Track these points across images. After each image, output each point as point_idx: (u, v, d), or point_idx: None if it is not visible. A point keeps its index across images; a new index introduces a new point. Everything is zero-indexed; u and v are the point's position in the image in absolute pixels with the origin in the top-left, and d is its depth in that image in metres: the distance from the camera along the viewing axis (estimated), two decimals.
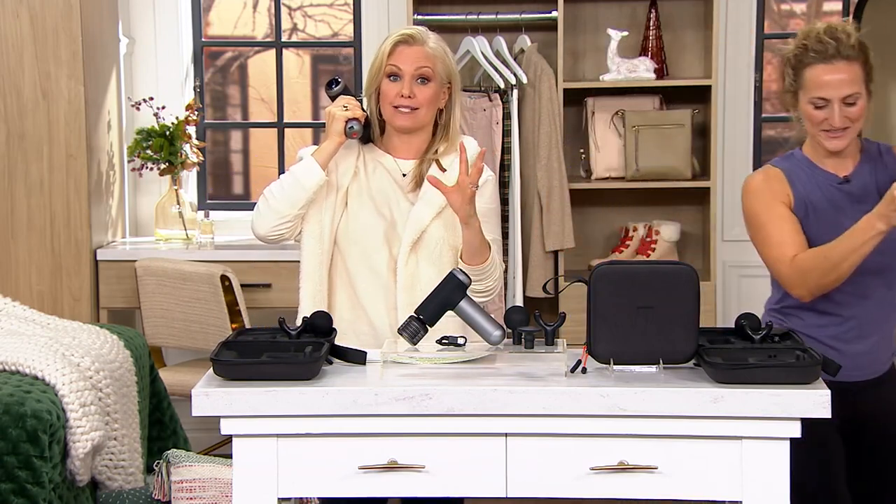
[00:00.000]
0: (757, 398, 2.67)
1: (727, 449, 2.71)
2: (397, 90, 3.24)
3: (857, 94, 3.12)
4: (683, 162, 5.56)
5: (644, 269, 2.88)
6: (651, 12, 5.67)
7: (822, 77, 3.12)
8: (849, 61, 3.12)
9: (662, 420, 2.70)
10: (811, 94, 3.14)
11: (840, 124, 3.12)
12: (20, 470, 3.51)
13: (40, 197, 5.43)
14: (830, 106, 3.12)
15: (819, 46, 3.12)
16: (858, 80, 3.13)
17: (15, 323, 4.16)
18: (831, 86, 3.12)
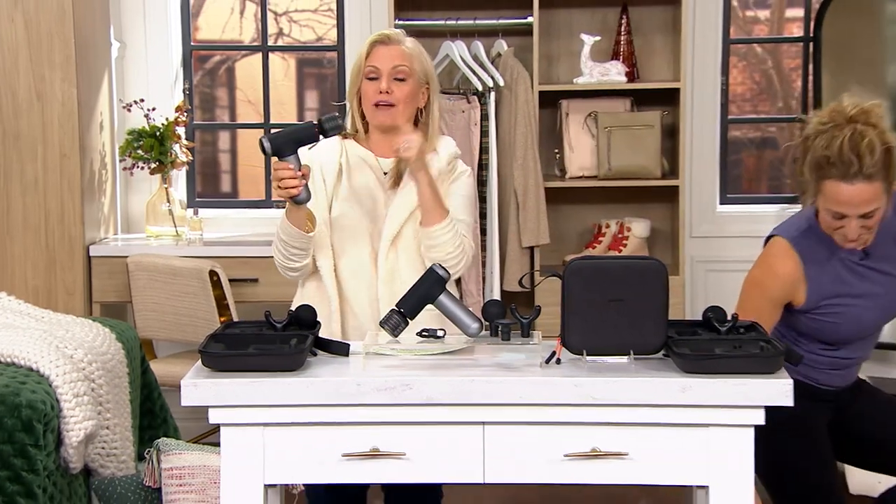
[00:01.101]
0: (723, 387, 2.67)
1: (694, 436, 2.71)
2: (376, 88, 3.24)
3: (876, 208, 3.01)
4: (653, 161, 5.58)
5: (615, 264, 2.89)
6: (622, 18, 5.69)
7: (841, 195, 2.99)
8: (870, 181, 2.96)
9: (633, 408, 2.70)
10: (829, 205, 3.03)
11: (855, 237, 3.03)
12: (15, 458, 3.51)
13: (35, 195, 5.42)
14: (848, 220, 3.02)
15: (841, 165, 2.96)
16: (879, 196, 2.99)
17: (10, 316, 4.15)
18: (850, 204, 2.99)
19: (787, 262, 3.12)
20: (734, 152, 6.23)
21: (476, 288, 5.41)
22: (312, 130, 3.14)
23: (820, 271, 3.10)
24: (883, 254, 3.12)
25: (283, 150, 3.12)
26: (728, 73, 6.05)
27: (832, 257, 3.11)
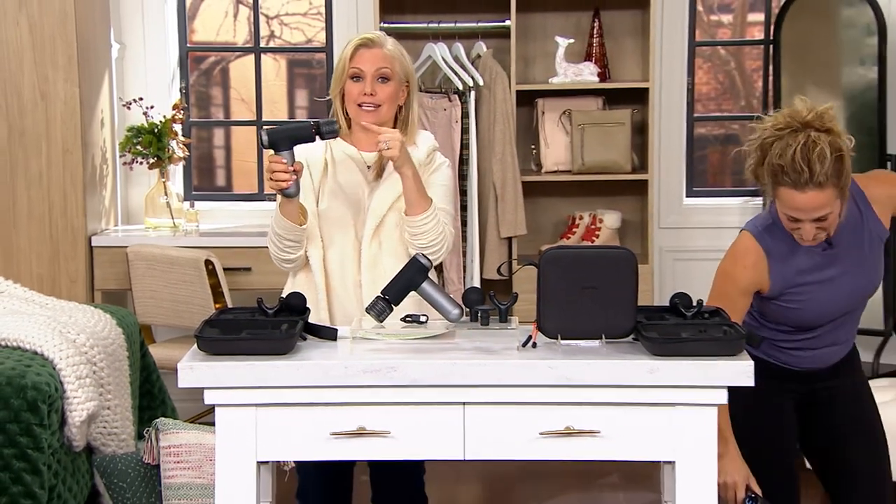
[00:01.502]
0: (688, 369, 2.68)
1: (662, 414, 2.72)
2: (360, 89, 3.23)
3: (829, 212, 2.96)
4: (624, 157, 5.59)
5: (588, 253, 2.89)
6: (594, 22, 5.70)
7: (794, 201, 2.94)
8: (821, 188, 2.91)
9: (604, 389, 2.71)
10: (784, 209, 3.00)
11: (810, 238, 3.00)
12: (21, 436, 3.50)
13: (39, 189, 5.41)
14: (803, 223, 2.98)
15: (793, 174, 2.91)
16: (831, 201, 2.94)
17: (16, 303, 4.14)
18: (803, 210, 2.95)
19: (751, 256, 3.11)
20: (699, 148, 6.25)
21: (457, 276, 5.42)
22: (310, 131, 3.14)
23: (782, 263, 3.10)
24: (845, 242, 3.12)
25: (279, 145, 3.12)
26: (693, 74, 6.07)
27: (795, 250, 3.10)
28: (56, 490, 3.61)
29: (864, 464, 3.24)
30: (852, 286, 3.12)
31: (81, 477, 3.81)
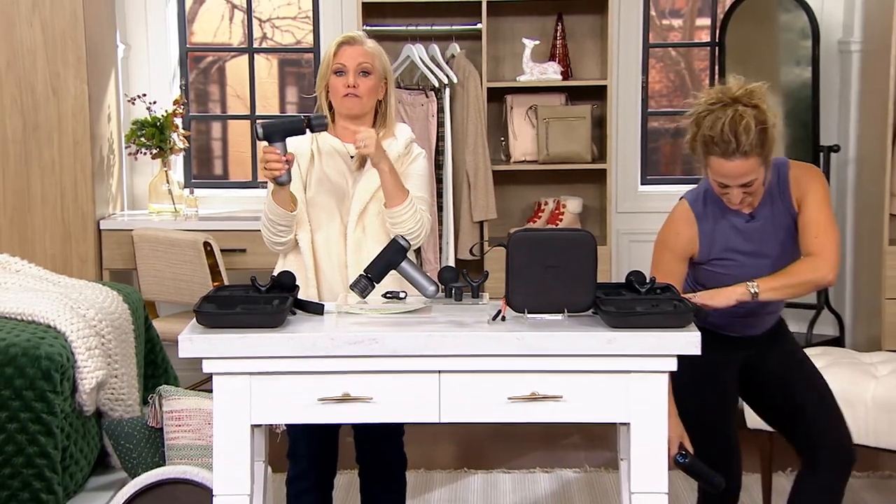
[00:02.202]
0: (642, 339, 2.69)
1: (618, 381, 2.73)
2: (344, 83, 3.22)
3: (754, 177, 3.01)
4: (585, 148, 5.60)
5: (552, 235, 2.89)
6: (558, 25, 5.70)
7: (723, 169, 2.99)
8: (746, 157, 2.95)
9: (566, 358, 2.71)
10: (714, 176, 3.04)
11: (738, 202, 3.04)
12: (36, 402, 3.50)
13: (52, 177, 5.41)
14: (731, 188, 3.02)
15: (722, 144, 2.95)
16: (755, 169, 2.99)
17: (31, 281, 4.12)
18: (731, 177, 2.99)
19: (682, 221, 3.16)
20: (653, 140, 6.26)
21: (433, 256, 5.42)
22: (301, 125, 3.12)
23: (711, 229, 3.13)
24: (766, 215, 3.14)
25: (272, 137, 3.10)
26: (647, 73, 6.08)
27: (722, 218, 3.13)
28: (68, 451, 3.61)
29: (811, 393, 3.25)
30: (772, 257, 3.15)
31: (91, 439, 3.81)
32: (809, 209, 3.08)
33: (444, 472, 4.86)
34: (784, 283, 3.03)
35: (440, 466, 4.94)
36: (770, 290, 3.01)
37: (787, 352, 3.32)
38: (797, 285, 3.05)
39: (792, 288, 3.04)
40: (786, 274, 3.06)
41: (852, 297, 5.91)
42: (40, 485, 3.49)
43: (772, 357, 3.28)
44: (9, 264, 4.25)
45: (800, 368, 3.30)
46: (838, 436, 3.19)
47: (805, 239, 3.08)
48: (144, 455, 3.73)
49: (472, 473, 4.86)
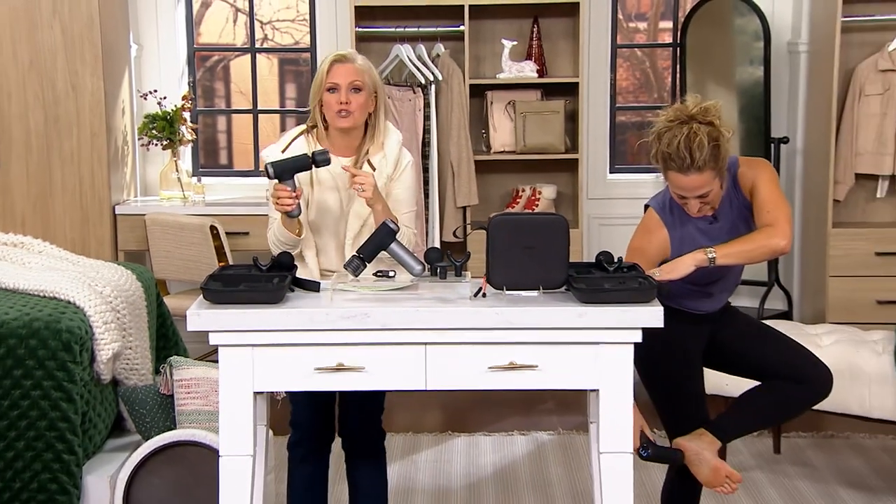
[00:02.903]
0: (610, 313, 2.68)
1: (588, 351, 2.72)
2: (336, 99, 3.16)
3: (709, 190, 3.00)
4: (558, 139, 5.60)
5: (529, 219, 2.88)
6: (534, 27, 5.69)
7: (679, 182, 2.99)
8: (700, 171, 2.95)
9: (541, 331, 2.71)
10: (673, 189, 3.04)
11: (695, 211, 3.04)
12: (58, 371, 3.49)
13: (71, 166, 5.40)
14: (688, 199, 3.02)
15: (678, 160, 2.95)
16: (710, 181, 2.98)
17: (53, 261, 4.11)
18: (687, 189, 2.99)
19: (653, 227, 3.14)
20: (620, 133, 6.26)
21: (420, 238, 5.41)
22: (308, 162, 3.09)
23: (679, 233, 3.12)
24: (726, 215, 3.15)
25: (283, 176, 3.07)
26: (615, 71, 6.07)
27: (688, 222, 3.13)
28: (87, 415, 3.61)
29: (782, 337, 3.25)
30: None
31: (108, 405, 3.80)
32: (760, 191, 3.07)
33: (430, 435, 4.87)
34: (740, 249, 2.98)
35: (426, 430, 4.94)
36: (726, 256, 2.96)
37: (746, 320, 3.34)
38: (752, 250, 2.98)
39: (747, 253, 2.98)
40: (742, 240, 3.02)
41: (799, 275, 5.93)
42: (62, 446, 3.49)
43: (734, 325, 3.29)
44: (32, 246, 4.23)
45: (764, 327, 3.32)
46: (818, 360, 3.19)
47: (759, 215, 3.05)
48: (157, 420, 3.72)
49: (455, 436, 4.86)
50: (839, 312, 5.38)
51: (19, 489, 3.46)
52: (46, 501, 3.46)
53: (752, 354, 3.23)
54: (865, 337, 4.35)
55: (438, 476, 4.40)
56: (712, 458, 3.11)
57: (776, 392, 3.15)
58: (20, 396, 3.48)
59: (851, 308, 5.39)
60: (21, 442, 3.47)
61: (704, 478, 3.12)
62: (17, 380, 3.48)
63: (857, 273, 5.42)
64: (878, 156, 5.49)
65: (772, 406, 3.18)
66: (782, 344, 3.22)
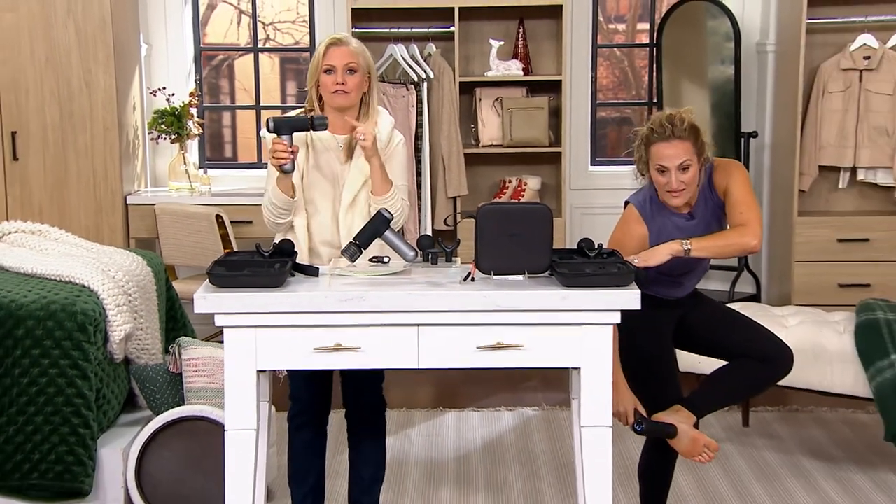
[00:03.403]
0: (591, 296, 2.68)
1: (571, 332, 2.72)
2: (333, 80, 3.16)
3: (689, 162, 3.04)
4: (543, 134, 5.59)
5: (515, 208, 2.89)
6: (520, 28, 5.67)
7: (663, 151, 3.03)
8: (682, 140, 3.02)
9: (526, 313, 2.70)
10: (656, 163, 3.06)
11: (676, 186, 3.05)
12: (74, 351, 3.49)
13: (86, 159, 5.38)
14: (669, 172, 3.04)
15: (661, 129, 3.04)
16: (690, 152, 3.03)
17: (68, 248, 4.09)
18: (669, 157, 3.02)
19: (634, 222, 3.16)
20: (601, 128, 6.26)
21: (413, 226, 5.40)
22: (307, 123, 3.08)
23: (658, 229, 3.14)
24: (702, 214, 3.16)
25: (280, 130, 3.06)
26: (596, 70, 6.06)
27: (666, 219, 3.15)
28: (101, 392, 3.61)
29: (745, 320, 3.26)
30: None
31: (121, 382, 3.79)
32: (734, 192, 3.11)
33: (423, 411, 4.87)
34: (714, 244, 3.05)
35: (419, 406, 4.95)
36: (701, 249, 3.02)
37: (713, 304, 3.35)
38: (725, 246, 3.06)
39: (720, 248, 3.05)
40: (716, 236, 3.08)
41: (767, 261, 5.94)
42: (78, 420, 3.48)
43: (702, 310, 3.30)
44: (49, 233, 4.23)
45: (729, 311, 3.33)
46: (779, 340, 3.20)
47: (732, 215, 3.10)
48: (166, 396, 3.72)
49: (446, 412, 4.87)
50: (804, 295, 5.40)
51: (38, 461, 3.46)
52: (63, 472, 3.46)
53: (719, 336, 3.25)
54: (828, 318, 4.36)
55: (430, 449, 4.41)
56: (690, 430, 3.12)
57: (743, 370, 3.18)
58: (38, 374, 3.47)
59: (815, 291, 5.41)
60: (40, 416, 3.46)
61: (684, 448, 3.13)
62: (36, 359, 3.47)
63: (821, 258, 5.43)
64: (840, 149, 5.50)
65: (739, 383, 3.20)
66: (746, 326, 3.24)
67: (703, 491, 3.91)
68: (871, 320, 4.08)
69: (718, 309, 3.33)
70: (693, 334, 3.28)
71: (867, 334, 4.04)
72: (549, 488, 3.96)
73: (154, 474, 3.56)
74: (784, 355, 3.17)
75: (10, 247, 4.07)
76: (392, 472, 4.02)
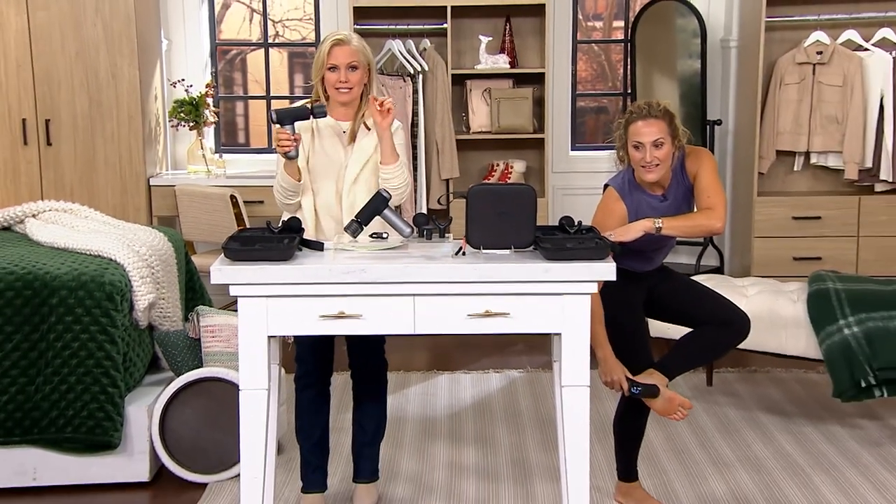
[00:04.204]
0: (571, 268, 2.67)
1: (553, 301, 2.71)
2: (336, 77, 3.12)
3: (662, 140, 3.03)
4: (527, 121, 5.56)
5: (503, 189, 2.86)
6: (507, 25, 5.64)
7: (640, 129, 3.03)
8: (657, 118, 3.03)
9: (513, 284, 2.69)
10: (633, 139, 3.06)
11: (651, 160, 3.04)
12: (102, 318, 3.48)
13: (112, 144, 5.35)
14: (645, 148, 3.03)
15: (638, 110, 3.06)
16: (664, 131, 3.03)
17: (97, 225, 4.08)
18: (644, 134, 3.02)
19: (613, 201, 3.14)
20: (580, 116, 6.23)
21: (409, 205, 5.38)
22: (307, 112, 3.05)
23: (636, 207, 3.13)
24: (674, 196, 3.15)
25: (283, 121, 3.03)
26: (576, 63, 6.03)
27: (642, 201, 3.14)
28: (128, 355, 3.60)
29: (707, 290, 3.26)
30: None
31: (145, 347, 3.78)
32: (702, 178, 3.11)
33: (419, 373, 4.87)
34: (683, 223, 3.06)
35: (415, 369, 4.94)
36: (671, 228, 3.03)
37: (679, 277, 3.34)
38: (693, 226, 3.07)
39: (688, 228, 3.07)
40: (685, 217, 3.10)
41: (730, 236, 5.94)
42: (107, 381, 3.47)
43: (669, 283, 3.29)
44: (80, 212, 4.21)
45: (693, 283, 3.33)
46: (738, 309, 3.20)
47: (700, 199, 3.11)
48: (186, 359, 3.70)
49: (440, 374, 4.86)
50: (762, 267, 5.40)
51: (72, 416, 3.45)
52: (94, 427, 3.45)
53: (685, 306, 3.25)
54: (783, 288, 4.35)
55: (425, 407, 4.40)
56: (665, 391, 3.12)
57: (707, 336, 3.18)
58: (71, 339, 3.46)
59: (772, 264, 5.41)
60: (73, 377, 3.45)
61: (660, 407, 3.13)
62: (69, 325, 3.46)
63: (777, 234, 5.43)
64: (795, 135, 5.49)
65: (704, 348, 3.20)
66: (709, 297, 3.24)
67: (672, 444, 3.92)
68: (821, 290, 4.08)
69: (684, 282, 3.33)
70: (662, 305, 3.27)
71: (818, 302, 4.04)
72: (533, 442, 3.97)
73: (176, 429, 3.55)
74: (742, 322, 3.17)
75: (44, 224, 4.05)
76: (391, 428, 4.02)
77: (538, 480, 3.57)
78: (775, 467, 3.68)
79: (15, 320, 3.45)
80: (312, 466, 3.33)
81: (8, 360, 3.44)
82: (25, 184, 5.33)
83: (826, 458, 3.76)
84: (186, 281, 4.21)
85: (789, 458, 3.76)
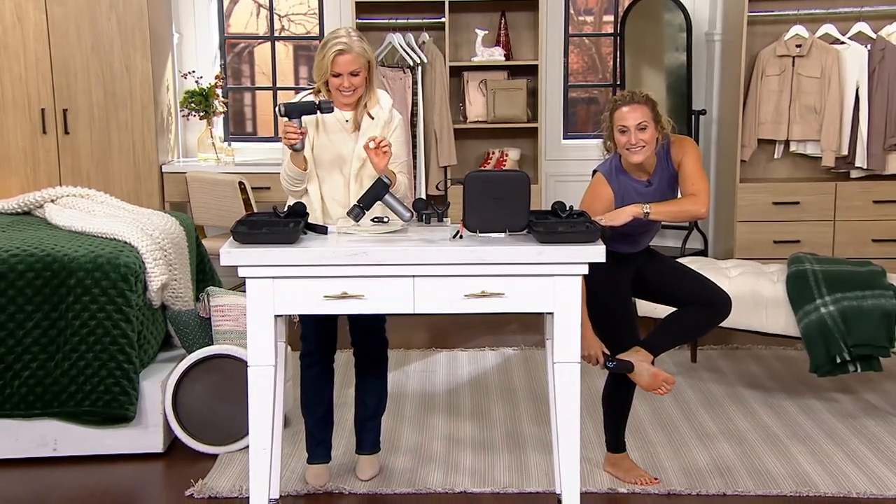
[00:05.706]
0: (563, 251, 2.66)
1: (545, 282, 2.70)
2: (340, 82, 3.09)
3: (646, 123, 3.03)
4: (522, 112, 5.54)
5: (498, 175, 2.85)
6: (502, 19, 5.61)
7: (624, 114, 3.03)
8: (640, 104, 3.03)
9: (507, 265, 2.68)
10: (618, 124, 3.05)
11: (636, 142, 3.03)
12: (118, 297, 3.47)
13: (126, 133, 5.33)
14: (629, 131, 3.03)
15: (622, 97, 3.06)
16: (647, 115, 3.03)
17: (112, 209, 4.07)
18: (629, 118, 3.02)
19: (601, 186, 3.13)
20: (572, 106, 6.21)
21: (409, 191, 5.36)
22: (314, 107, 3.03)
23: (622, 192, 3.12)
24: (659, 182, 3.15)
25: (290, 114, 3.01)
26: (568, 56, 6.00)
27: (628, 185, 3.13)
28: (142, 333, 3.59)
29: (691, 272, 3.25)
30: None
31: (159, 325, 3.77)
32: (687, 166, 3.11)
33: (418, 351, 4.87)
34: (669, 209, 3.05)
35: (415, 346, 4.94)
36: (658, 213, 3.03)
37: (664, 259, 3.34)
38: (679, 212, 3.07)
39: (674, 213, 3.06)
40: (671, 203, 3.09)
41: (713, 221, 5.93)
42: (122, 357, 3.47)
43: (654, 264, 3.29)
44: (96, 197, 4.20)
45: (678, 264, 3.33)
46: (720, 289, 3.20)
47: (685, 186, 3.11)
48: (197, 337, 3.70)
49: (438, 351, 4.86)
50: (744, 250, 5.40)
51: (89, 391, 3.46)
52: (111, 401, 3.45)
53: (670, 287, 3.25)
54: (764, 269, 4.35)
55: (425, 383, 4.41)
56: (650, 367, 3.12)
57: (690, 315, 3.18)
58: (88, 318, 3.46)
59: (754, 246, 5.41)
60: (90, 354, 3.45)
61: (645, 383, 3.13)
62: (86, 304, 3.46)
63: (759, 219, 5.43)
64: (776, 125, 5.48)
65: (688, 326, 3.20)
66: (692, 278, 3.24)
67: (658, 417, 3.93)
68: (800, 271, 4.08)
69: (669, 263, 3.32)
70: (648, 285, 3.27)
71: (797, 283, 4.04)
72: (527, 416, 3.97)
73: (187, 403, 3.56)
74: (724, 301, 3.18)
75: (62, 209, 4.03)
76: (392, 403, 4.02)
77: (531, 452, 3.58)
78: (756, 439, 3.69)
79: (35, 300, 3.44)
80: (317, 439, 3.34)
81: (29, 338, 3.44)
82: (44, 170, 5.32)
83: (803, 429, 3.77)
84: (197, 263, 4.21)
85: (769, 430, 3.77)
